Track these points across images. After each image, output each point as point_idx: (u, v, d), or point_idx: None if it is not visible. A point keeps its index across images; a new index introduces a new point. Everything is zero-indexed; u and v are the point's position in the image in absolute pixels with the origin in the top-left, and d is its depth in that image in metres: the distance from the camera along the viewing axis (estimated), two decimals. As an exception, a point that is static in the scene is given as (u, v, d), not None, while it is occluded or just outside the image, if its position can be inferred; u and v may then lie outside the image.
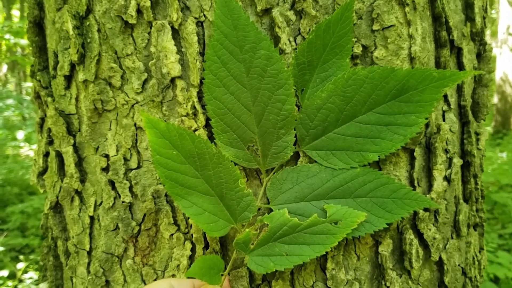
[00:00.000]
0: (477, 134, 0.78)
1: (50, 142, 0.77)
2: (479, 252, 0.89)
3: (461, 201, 0.77)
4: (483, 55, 0.81)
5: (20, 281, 5.24)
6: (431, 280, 0.74)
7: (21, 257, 5.96)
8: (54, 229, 0.78)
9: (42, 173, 0.80)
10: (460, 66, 0.75)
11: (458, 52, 0.75)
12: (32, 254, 6.18)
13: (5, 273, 5.25)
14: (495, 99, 13.22)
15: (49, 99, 0.73)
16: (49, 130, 0.76)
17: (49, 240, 0.84)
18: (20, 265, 5.53)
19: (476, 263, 0.85)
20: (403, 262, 0.70)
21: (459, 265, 0.77)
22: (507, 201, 7.23)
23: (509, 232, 6.60)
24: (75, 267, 0.77)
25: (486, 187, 8.42)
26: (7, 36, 2.81)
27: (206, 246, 0.69)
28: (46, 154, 0.79)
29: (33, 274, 5.41)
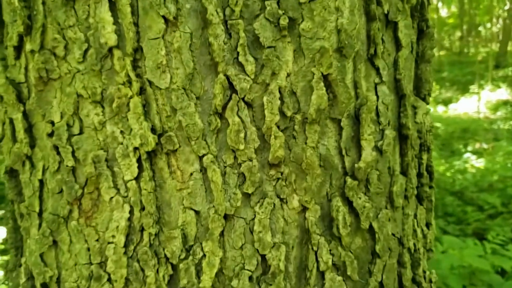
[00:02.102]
0: (414, 107, 0.80)
1: (6, 111, 0.81)
2: (427, 227, 0.91)
3: (397, 172, 0.79)
4: (425, 31, 0.82)
5: None
6: (364, 248, 0.77)
7: None
8: (10, 192, 0.83)
9: (0, 140, 0.84)
10: (397, 40, 0.77)
11: (394, 26, 0.76)
12: None
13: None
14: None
15: (1, 68, 0.78)
16: (1, 98, 0.80)
17: (11, 206, 0.89)
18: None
19: (420, 235, 0.87)
20: (331, 229, 0.73)
21: (393, 234, 0.79)
22: (524, 195, 7.10)
23: (522, 226, 6.49)
24: (28, 229, 0.82)
25: (503, 181, 8.26)
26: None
27: (143, 208, 0.73)
28: (3, 123, 0.83)
29: None
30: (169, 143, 0.70)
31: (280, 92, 0.69)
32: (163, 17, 0.67)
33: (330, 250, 0.73)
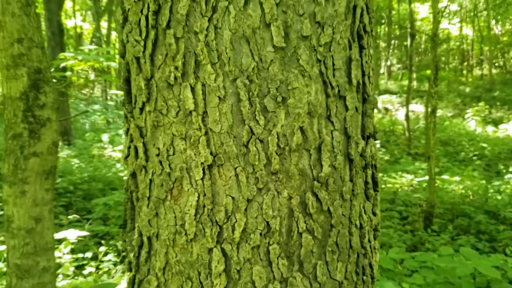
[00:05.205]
0: (357, 143, 1.41)
1: (131, 141, 1.48)
2: (373, 215, 1.50)
3: (346, 179, 1.39)
4: (367, 99, 1.43)
5: (101, 261, 6.21)
6: (325, 221, 1.37)
7: (103, 241, 6.97)
8: (131, 186, 1.50)
9: (126, 157, 1.52)
10: (346, 106, 1.38)
11: (344, 98, 1.38)
12: (112, 240, 7.17)
13: (89, 254, 6.26)
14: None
15: (132, 119, 1.45)
16: (131, 135, 1.47)
17: (128, 194, 1.56)
18: (102, 249, 6.51)
19: (366, 219, 1.46)
20: (306, 210, 1.34)
21: (343, 214, 1.39)
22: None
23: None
24: (141, 207, 1.48)
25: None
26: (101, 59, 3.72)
27: (204, 195, 1.36)
28: (129, 147, 1.50)
29: (111, 257, 6.35)
30: (219, 160, 1.34)
31: (277, 134, 1.32)
32: (218, 96, 1.31)
33: (304, 221, 1.34)
